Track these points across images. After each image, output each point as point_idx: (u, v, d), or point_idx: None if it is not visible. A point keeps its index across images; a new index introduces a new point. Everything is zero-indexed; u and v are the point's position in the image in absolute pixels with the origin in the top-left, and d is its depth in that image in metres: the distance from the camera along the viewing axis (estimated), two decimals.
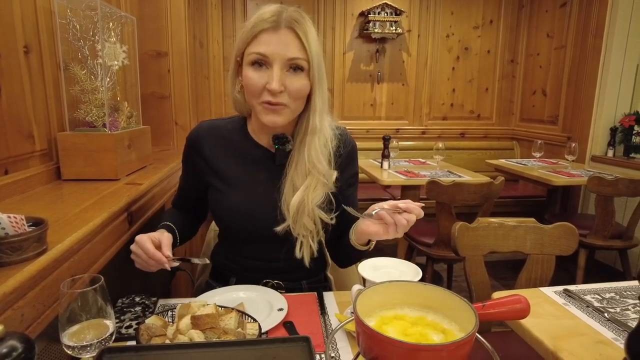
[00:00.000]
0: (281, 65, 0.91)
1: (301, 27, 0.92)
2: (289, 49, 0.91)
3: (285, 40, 0.91)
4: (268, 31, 0.91)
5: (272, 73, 0.91)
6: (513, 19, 4.04)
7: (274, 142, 1.03)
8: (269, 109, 0.93)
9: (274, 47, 0.90)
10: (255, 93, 0.94)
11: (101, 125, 1.25)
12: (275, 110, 0.94)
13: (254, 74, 0.92)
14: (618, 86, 3.09)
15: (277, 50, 0.90)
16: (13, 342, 0.47)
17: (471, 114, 4.19)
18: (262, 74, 0.92)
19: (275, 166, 1.05)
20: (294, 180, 1.01)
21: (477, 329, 0.55)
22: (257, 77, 0.92)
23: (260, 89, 0.92)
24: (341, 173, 1.06)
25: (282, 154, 1.03)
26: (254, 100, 0.95)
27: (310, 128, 0.99)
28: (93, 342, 0.63)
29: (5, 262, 0.64)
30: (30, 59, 1.09)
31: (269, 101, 0.92)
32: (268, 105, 0.93)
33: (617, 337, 0.83)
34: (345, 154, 1.07)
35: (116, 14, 1.34)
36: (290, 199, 1.00)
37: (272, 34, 0.91)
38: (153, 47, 2.04)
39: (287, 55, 0.91)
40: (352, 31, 3.89)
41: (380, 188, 3.69)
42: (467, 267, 1.36)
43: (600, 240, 2.45)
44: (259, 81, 0.92)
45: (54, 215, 0.87)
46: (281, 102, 0.93)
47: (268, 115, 0.94)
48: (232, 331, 0.73)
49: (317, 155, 0.99)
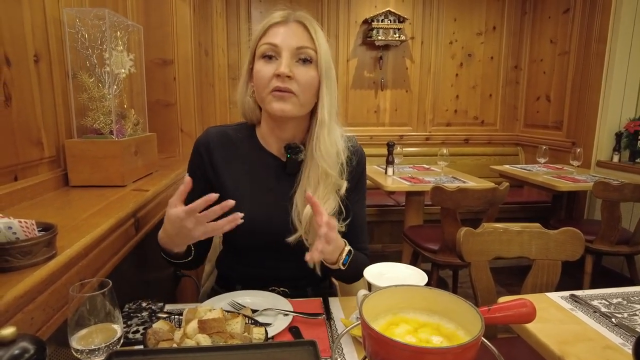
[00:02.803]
0: (290, 53, 0.94)
1: (309, 22, 0.98)
2: (297, 38, 0.95)
3: (294, 30, 0.96)
4: (278, 24, 0.96)
5: (281, 60, 0.93)
6: (516, 25, 4.05)
7: (286, 151, 1.03)
8: (278, 95, 0.94)
9: (283, 36, 0.95)
10: (264, 83, 0.95)
11: (108, 132, 1.26)
12: (283, 97, 0.94)
13: (264, 65, 0.95)
14: (622, 91, 3.09)
15: (286, 39, 0.94)
16: (25, 344, 0.47)
17: (475, 120, 4.19)
18: (272, 64, 0.95)
19: (284, 174, 1.04)
20: (306, 189, 1.00)
21: (482, 332, 0.55)
22: (267, 67, 0.95)
23: (269, 77, 0.94)
24: (351, 184, 1.05)
25: (294, 164, 1.03)
26: (263, 92, 0.96)
27: (318, 121, 0.98)
28: (101, 346, 0.64)
29: (15, 267, 0.65)
30: (39, 67, 1.11)
31: (277, 87, 0.93)
32: (277, 92, 0.94)
33: (624, 343, 0.82)
34: (356, 164, 1.07)
35: (123, 23, 1.36)
36: (303, 208, 0.99)
37: (282, 26, 0.96)
38: (159, 55, 2.07)
39: (295, 44, 0.94)
40: (356, 38, 3.92)
41: (385, 194, 3.69)
42: (473, 273, 1.35)
43: (606, 246, 2.43)
44: (269, 71, 0.94)
45: (63, 220, 0.88)
46: (289, 89, 0.93)
47: (277, 103, 0.95)
48: (239, 335, 0.73)
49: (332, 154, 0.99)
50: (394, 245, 3.73)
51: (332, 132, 1.00)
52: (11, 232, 0.66)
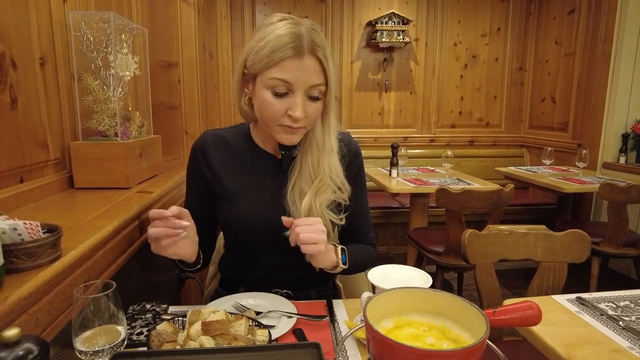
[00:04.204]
0: (303, 92, 0.92)
1: (322, 51, 0.91)
2: (312, 76, 0.91)
3: (308, 66, 0.90)
4: (292, 58, 0.89)
5: (295, 100, 0.91)
6: (521, 26, 4.04)
7: (280, 147, 1.04)
8: (289, 131, 0.95)
9: (297, 74, 0.90)
10: (274, 117, 0.93)
11: (113, 134, 1.27)
12: (295, 132, 0.96)
13: (275, 100, 0.92)
14: (629, 92, 3.06)
15: (301, 78, 0.90)
16: (29, 345, 0.47)
17: (480, 122, 4.18)
18: (284, 101, 0.92)
19: (281, 172, 1.05)
20: (300, 184, 1.01)
21: (488, 335, 0.54)
22: (278, 104, 0.92)
23: (281, 114, 0.93)
24: (349, 179, 1.06)
25: (289, 160, 1.04)
26: (271, 123, 0.95)
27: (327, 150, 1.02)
28: (105, 348, 0.64)
29: (20, 268, 0.65)
30: (45, 70, 1.12)
31: (290, 126, 0.94)
32: (288, 128, 0.95)
33: (632, 346, 0.81)
34: (349, 154, 1.08)
35: (128, 26, 1.37)
36: (299, 202, 1.00)
37: (295, 60, 0.89)
38: (164, 58, 2.08)
39: (310, 83, 0.91)
40: (360, 40, 3.92)
41: (389, 196, 3.69)
42: (478, 275, 1.34)
43: (613, 248, 2.41)
44: (280, 107, 0.92)
45: (67, 222, 0.89)
46: (301, 127, 0.95)
47: (287, 135, 0.96)
48: (242, 337, 0.73)
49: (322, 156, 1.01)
50: (399, 247, 3.72)
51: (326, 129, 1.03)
52: (16, 233, 0.66)
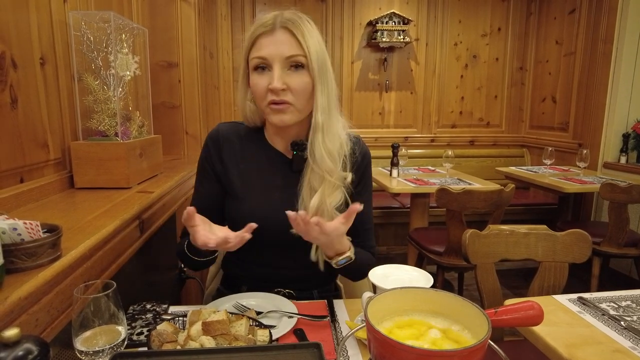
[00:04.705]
0: (281, 64, 0.93)
1: (296, 26, 0.94)
2: (285, 48, 0.93)
3: (281, 39, 0.93)
4: (265, 34, 0.94)
5: (273, 73, 0.93)
6: (521, 26, 4.03)
7: (292, 148, 1.04)
8: (275, 109, 0.95)
9: (271, 48, 0.93)
10: (260, 96, 0.96)
11: (113, 134, 1.27)
12: (281, 109, 0.95)
13: (258, 78, 0.96)
14: (630, 92, 3.06)
15: (274, 51, 0.93)
16: (29, 345, 0.47)
17: (480, 122, 4.17)
18: (265, 77, 0.95)
19: (291, 172, 1.05)
20: (311, 183, 1.01)
21: (489, 335, 0.54)
22: (261, 80, 0.95)
23: (264, 91, 0.95)
24: (357, 176, 1.05)
25: (300, 160, 1.04)
26: (262, 104, 0.98)
27: (312, 126, 0.98)
28: (105, 348, 0.64)
29: (20, 268, 0.65)
30: (45, 70, 1.12)
31: (273, 101, 0.94)
32: (274, 105, 0.95)
33: (634, 346, 0.81)
34: (360, 156, 1.08)
35: (128, 26, 1.37)
36: (308, 201, 0.99)
37: (269, 36, 0.94)
38: (164, 58, 2.08)
39: (284, 54, 0.93)
40: (360, 40, 3.92)
41: (390, 196, 3.68)
42: (478, 275, 1.34)
43: (614, 248, 2.41)
44: (262, 84, 0.95)
45: (68, 222, 0.88)
46: (285, 100, 0.94)
47: (276, 116, 0.96)
48: (243, 337, 0.73)
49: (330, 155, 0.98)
50: (399, 247, 3.71)
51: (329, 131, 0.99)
52: (16, 233, 0.66)
